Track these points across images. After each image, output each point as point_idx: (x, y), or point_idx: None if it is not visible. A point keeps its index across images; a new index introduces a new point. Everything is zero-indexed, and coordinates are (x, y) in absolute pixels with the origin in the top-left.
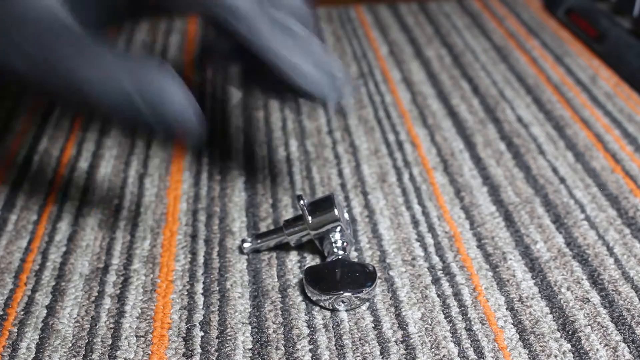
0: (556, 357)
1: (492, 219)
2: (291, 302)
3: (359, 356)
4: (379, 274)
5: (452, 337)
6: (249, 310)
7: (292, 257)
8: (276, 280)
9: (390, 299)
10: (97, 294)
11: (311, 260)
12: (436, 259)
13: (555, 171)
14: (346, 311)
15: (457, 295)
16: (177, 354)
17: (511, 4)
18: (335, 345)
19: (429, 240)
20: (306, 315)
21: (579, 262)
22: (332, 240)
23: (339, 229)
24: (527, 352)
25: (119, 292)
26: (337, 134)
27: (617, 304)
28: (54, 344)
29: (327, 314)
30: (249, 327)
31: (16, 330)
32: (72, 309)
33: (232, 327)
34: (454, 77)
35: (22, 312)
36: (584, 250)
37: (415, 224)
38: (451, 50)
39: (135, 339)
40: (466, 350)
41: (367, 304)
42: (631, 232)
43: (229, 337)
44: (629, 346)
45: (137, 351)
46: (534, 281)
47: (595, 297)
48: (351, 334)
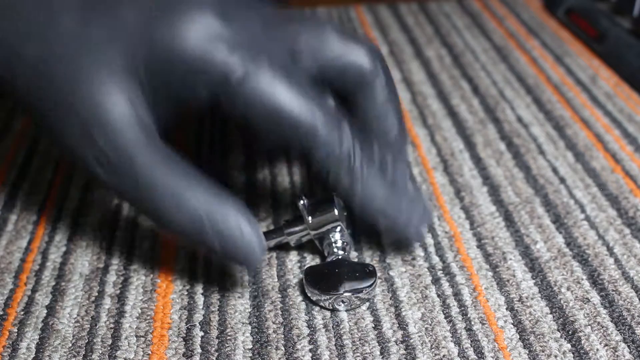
0: (556, 357)
1: (492, 219)
2: (291, 302)
3: (359, 356)
4: (379, 274)
5: (452, 337)
6: (249, 310)
7: (292, 257)
8: (276, 280)
9: (390, 299)
10: (97, 294)
11: (311, 260)
12: (436, 259)
13: (555, 171)
14: (346, 311)
15: (457, 295)
16: (177, 354)
17: (511, 4)
18: (335, 345)
19: (429, 240)
20: (306, 315)
21: (579, 262)
22: (332, 240)
23: (339, 229)
24: (527, 352)
25: (119, 292)
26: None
27: (617, 304)
28: (54, 344)
29: (327, 314)
30: (249, 327)
31: (16, 330)
32: (72, 309)
33: (232, 327)
34: (454, 77)
35: (22, 312)
36: (584, 250)
37: None
38: (451, 50)
39: (135, 339)
40: (466, 350)
41: (367, 304)
42: (631, 232)
43: (229, 337)
44: (629, 346)
45: (137, 351)
46: (534, 281)
47: (595, 297)
48: (351, 334)
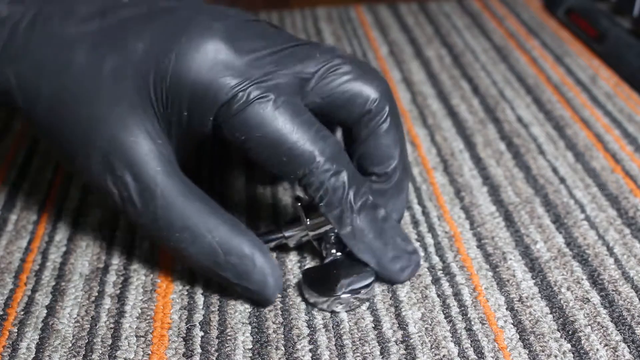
0: (556, 357)
1: (492, 219)
2: (291, 302)
3: (359, 356)
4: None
5: (452, 337)
6: (249, 310)
7: (292, 257)
8: None
9: (390, 299)
10: (97, 294)
11: (311, 260)
12: (436, 259)
13: (555, 171)
14: (345, 312)
15: (457, 295)
16: (177, 354)
17: (511, 4)
18: (335, 345)
19: (429, 240)
20: (306, 315)
21: (579, 262)
22: (331, 241)
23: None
24: (527, 352)
25: (119, 292)
26: (337, 133)
27: (617, 304)
28: (54, 344)
29: (327, 314)
30: (249, 327)
31: (16, 330)
32: (72, 309)
33: (232, 327)
34: (454, 77)
35: (22, 312)
36: (584, 250)
37: (415, 224)
38: (451, 50)
39: (135, 339)
40: (466, 350)
41: (367, 304)
42: (631, 232)
43: (229, 337)
44: (629, 346)
45: (137, 351)
46: (534, 281)
47: (595, 297)
48: (351, 334)
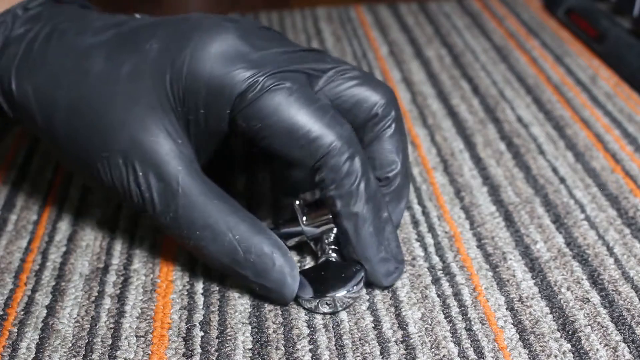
0: (556, 357)
1: (492, 219)
2: (291, 302)
3: (359, 356)
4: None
5: (452, 337)
6: (249, 310)
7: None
8: None
9: (390, 299)
10: (97, 294)
11: (311, 260)
12: (436, 259)
13: (555, 171)
14: (333, 313)
15: (457, 295)
16: (177, 354)
17: (511, 4)
18: (335, 345)
19: (429, 240)
20: (306, 315)
21: (579, 262)
22: (327, 241)
23: (334, 230)
24: (527, 352)
25: (119, 292)
26: None
27: (617, 304)
28: (54, 344)
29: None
30: (249, 327)
31: (16, 330)
32: (72, 309)
33: (232, 327)
34: (454, 77)
35: (22, 312)
36: (584, 250)
37: (415, 224)
38: (451, 50)
39: (135, 339)
40: (466, 350)
41: (367, 304)
42: (631, 232)
43: (229, 337)
44: (629, 346)
45: (137, 351)
46: (534, 281)
47: (595, 297)
48: (351, 334)
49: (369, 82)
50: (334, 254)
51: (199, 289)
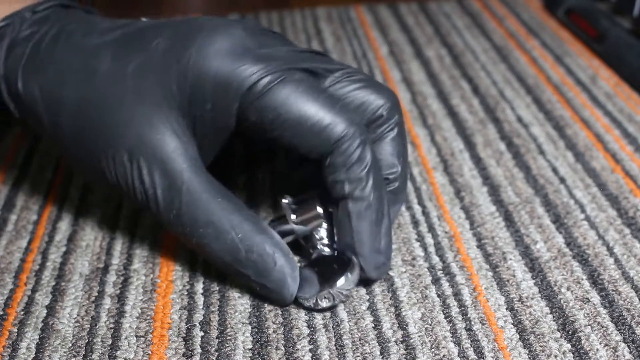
0: (556, 357)
1: (492, 219)
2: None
3: (359, 356)
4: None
5: (452, 337)
6: (249, 310)
7: None
8: None
9: (390, 299)
10: (97, 294)
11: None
12: (436, 259)
13: (555, 171)
14: (333, 307)
15: (457, 295)
16: (177, 354)
17: (511, 4)
18: (335, 345)
19: (429, 240)
20: (306, 315)
21: (579, 262)
22: (317, 237)
23: (324, 226)
24: (527, 352)
25: (119, 292)
26: None
27: (617, 304)
28: (54, 344)
29: (327, 314)
30: (249, 327)
31: (16, 330)
32: (72, 309)
33: (232, 327)
34: (454, 77)
35: (22, 312)
36: (584, 250)
37: (415, 224)
38: (451, 50)
39: (135, 339)
40: (466, 350)
41: (367, 304)
42: (631, 232)
43: (229, 337)
44: (629, 346)
45: (137, 351)
46: (534, 281)
47: (595, 297)
48: (351, 334)
49: (375, 86)
50: (326, 249)
51: (199, 289)
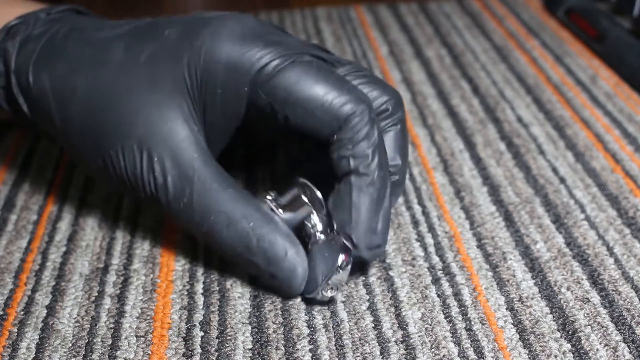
0: (556, 357)
1: (492, 219)
2: (291, 302)
3: (359, 356)
4: (378, 274)
5: (452, 337)
6: (249, 310)
7: None
8: None
9: (390, 299)
10: (97, 294)
11: None
12: (436, 259)
13: (555, 171)
14: (337, 294)
15: (457, 295)
16: (177, 354)
17: (511, 4)
18: (335, 345)
19: (429, 240)
20: (306, 315)
21: (579, 262)
22: (310, 225)
23: (313, 215)
24: (527, 352)
25: (119, 292)
26: None
27: (617, 304)
28: (54, 344)
29: (327, 314)
30: (249, 327)
31: (16, 330)
32: (72, 309)
33: (232, 327)
34: (454, 77)
35: (22, 312)
36: (584, 250)
37: (415, 224)
38: (451, 50)
39: (135, 339)
40: (466, 350)
41: (367, 304)
42: (631, 232)
43: (229, 337)
44: (629, 346)
45: (137, 351)
46: (534, 281)
47: (595, 297)
48: (351, 334)
49: (380, 83)
50: (322, 236)
51: (199, 289)
